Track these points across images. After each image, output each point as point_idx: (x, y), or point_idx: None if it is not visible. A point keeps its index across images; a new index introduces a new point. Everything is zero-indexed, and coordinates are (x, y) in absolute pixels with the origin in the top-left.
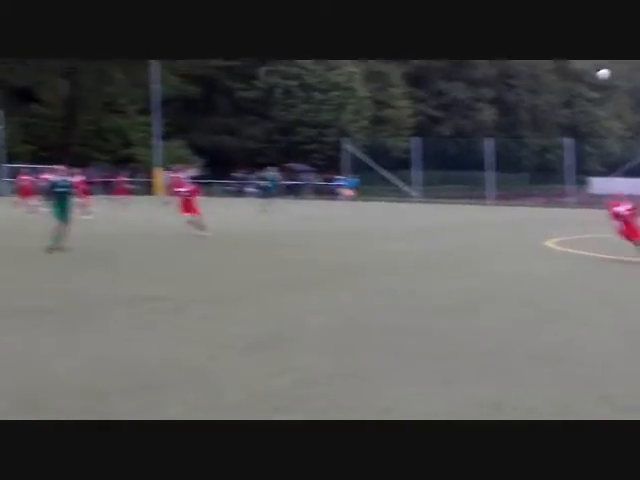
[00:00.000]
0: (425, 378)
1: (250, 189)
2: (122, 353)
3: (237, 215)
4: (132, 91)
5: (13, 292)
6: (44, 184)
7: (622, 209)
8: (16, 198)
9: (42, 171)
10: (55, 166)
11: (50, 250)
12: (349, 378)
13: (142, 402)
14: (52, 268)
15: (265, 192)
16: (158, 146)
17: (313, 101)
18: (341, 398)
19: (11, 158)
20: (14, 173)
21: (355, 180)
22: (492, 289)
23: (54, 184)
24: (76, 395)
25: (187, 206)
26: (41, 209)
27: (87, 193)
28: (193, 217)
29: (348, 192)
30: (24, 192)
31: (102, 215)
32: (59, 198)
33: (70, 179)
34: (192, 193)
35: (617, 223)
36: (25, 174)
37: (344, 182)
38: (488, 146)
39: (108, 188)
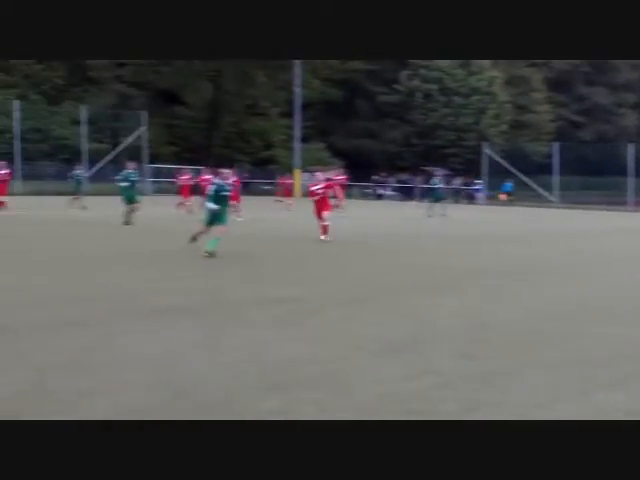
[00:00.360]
0: (558, 383)
1: (388, 192)
2: (259, 353)
3: (375, 217)
4: (274, 94)
5: (161, 292)
6: (208, 186)
7: None
8: (179, 198)
9: (203, 172)
10: (222, 169)
11: (209, 255)
12: (482, 381)
13: (277, 402)
14: (194, 268)
15: (434, 196)
16: (298, 148)
17: (453, 105)
18: (474, 401)
19: (154, 159)
20: (162, 174)
21: (509, 185)
22: (622, 296)
23: (219, 187)
24: (218, 390)
25: (321, 208)
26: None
27: (237, 195)
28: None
29: (503, 196)
30: (185, 192)
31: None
32: (222, 202)
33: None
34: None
35: None
36: (185, 174)
37: (481, 187)
38: (630, 152)
39: (249, 189)
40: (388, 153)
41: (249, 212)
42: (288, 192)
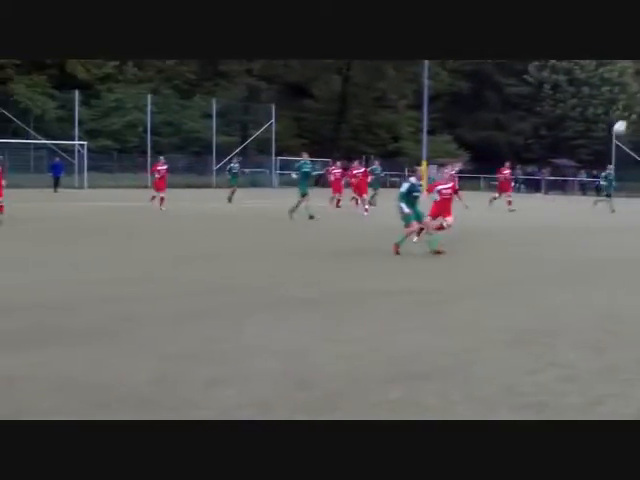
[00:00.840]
0: None
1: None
2: (384, 344)
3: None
4: (402, 86)
5: (281, 283)
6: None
7: None
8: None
9: (354, 166)
10: (416, 167)
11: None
12: (609, 374)
13: (401, 392)
14: (308, 261)
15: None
16: (425, 140)
17: (582, 96)
18: (599, 395)
19: (282, 151)
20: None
21: None
22: None
23: (412, 187)
24: (339, 380)
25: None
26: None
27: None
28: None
29: None
30: (336, 186)
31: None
32: (413, 203)
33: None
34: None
35: None
36: (338, 168)
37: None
38: None
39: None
40: (515, 145)
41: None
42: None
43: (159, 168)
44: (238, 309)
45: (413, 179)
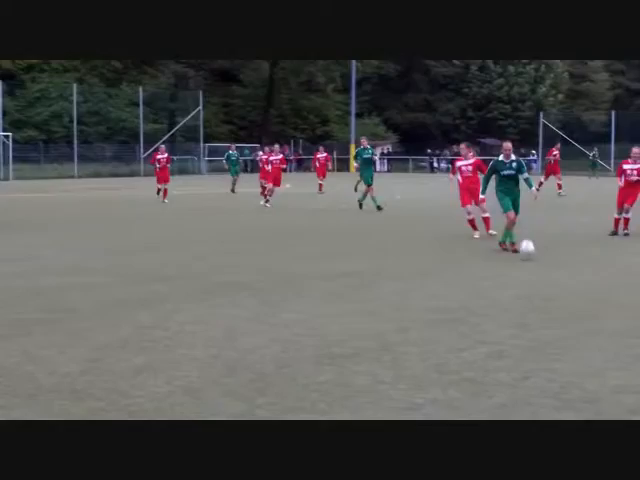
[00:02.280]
0: (613, 351)
1: (443, 165)
2: (315, 326)
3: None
4: (330, 70)
5: (215, 269)
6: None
7: None
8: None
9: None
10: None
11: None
12: (537, 350)
13: (332, 374)
14: (244, 246)
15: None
16: (353, 123)
17: (508, 75)
18: (527, 370)
19: (210, 138)
20: (218, 153)
21: None
22: None
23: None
24: (269, 364)
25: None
26: None
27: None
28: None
29: None
30: (320, 171)
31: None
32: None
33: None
34: None
35: None
36: (322, 152)
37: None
38: None
39: (305, 165)
40: (444, 126)
41: (305, 188)
42: None
43: (159, 157)
44: (171, 297)
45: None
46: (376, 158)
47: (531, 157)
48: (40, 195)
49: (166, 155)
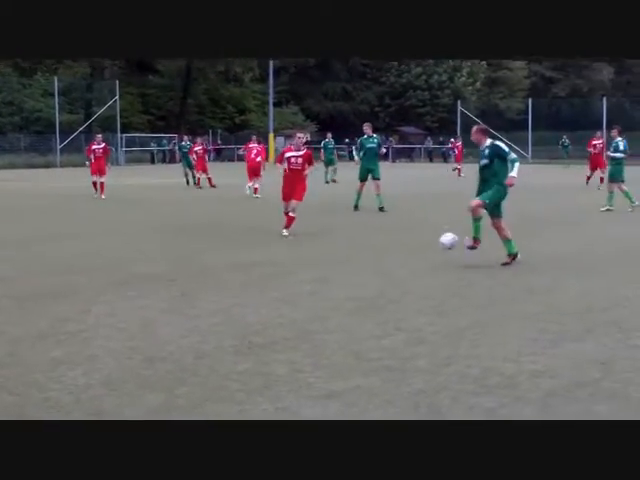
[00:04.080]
0: (529, 335)
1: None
2: (232, 317)
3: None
4: (248, 60)
5: (132, 260)
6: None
7: None
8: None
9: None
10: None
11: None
12: (454, 336)
13: (251, 363)
14: (163, 237)
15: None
16: (272, 113)
17: (426, 64)
18: (446, 356)
19: (127, 128)
20: (136, 143)
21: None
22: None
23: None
24: (191, 355)
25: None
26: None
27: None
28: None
29: None
30: (200, 165)
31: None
32: None
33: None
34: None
35: None
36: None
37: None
38: (603, 106)
39: (224, 155)
40: (362, 114)
41: (225, 179)
42: None
43: (94, 147)
44: (87, 288)
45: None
46: (383, 150)
47: (449, 145)
48: None
49: (103, 145)
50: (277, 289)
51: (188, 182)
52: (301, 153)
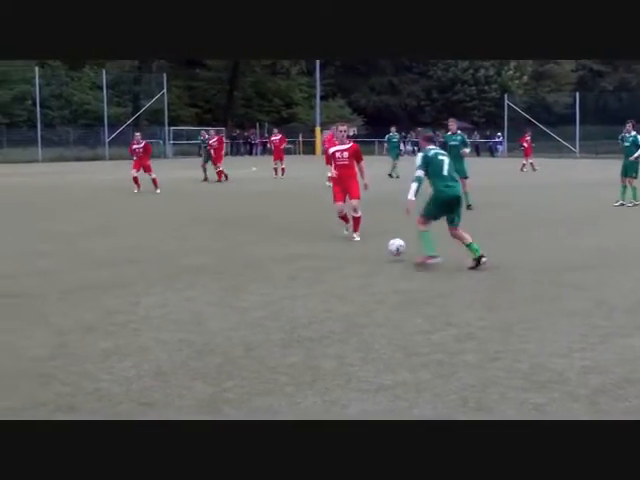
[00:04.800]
0: (579, 331)
1: (408, 147)
2: (280, 309)
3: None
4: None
5: (180, 253)
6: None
7: None
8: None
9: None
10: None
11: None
12: (503, 331)
13: (299, 357)
14: (210, 229)
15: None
16: (318, 106)
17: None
18: (495, 351)
19: (174, 121)
20: (183, 136)
21: None
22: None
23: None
24: (237, 347)
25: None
26: None
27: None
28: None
29: None
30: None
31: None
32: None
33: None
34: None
35: None
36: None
37: (501, 140)
38: None
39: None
40: (409, 108)
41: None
42: None
43: (134, 148)
44: (137, 281)
45: None
46: (467, 150)
47: (497, 139)
48: (4, 179)
49: (143, 144)
50: (319, 283)
51: (206, 178)
52: (347, 147)
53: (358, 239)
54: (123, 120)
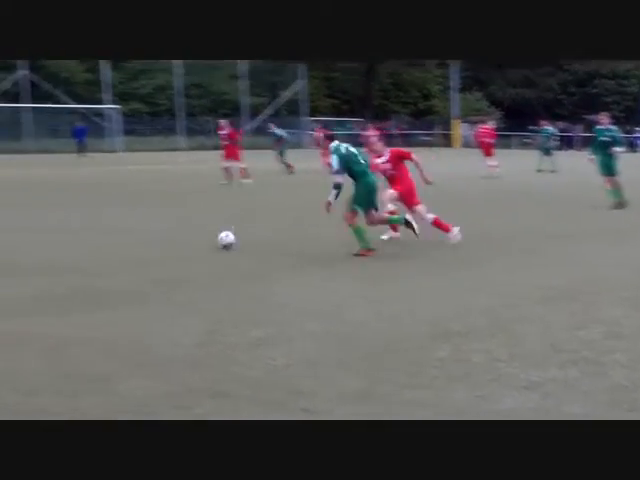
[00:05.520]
0: None
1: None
2: (420, 302)
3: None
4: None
5: (309, 242)
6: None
7: None
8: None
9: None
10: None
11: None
12: None
13: (448, 351)
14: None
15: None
16: (456, 99)
17: None
18: None
19: (313, 112)
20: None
21: None
22: None
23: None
24: (380, 339)
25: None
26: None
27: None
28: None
29: None
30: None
31: None
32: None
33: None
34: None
35: None
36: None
37: None
38: None
39: (408, 140)
40: (546, 101)
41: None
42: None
43: (220, 133)
44: (270, 270)
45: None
46: (618, 149)
47: (636, 134)
48: (152, 167)
49: (226, 131)
50: (458, 276)
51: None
52: (386, 158)
53: (459, 237)
54: (261, 110)
